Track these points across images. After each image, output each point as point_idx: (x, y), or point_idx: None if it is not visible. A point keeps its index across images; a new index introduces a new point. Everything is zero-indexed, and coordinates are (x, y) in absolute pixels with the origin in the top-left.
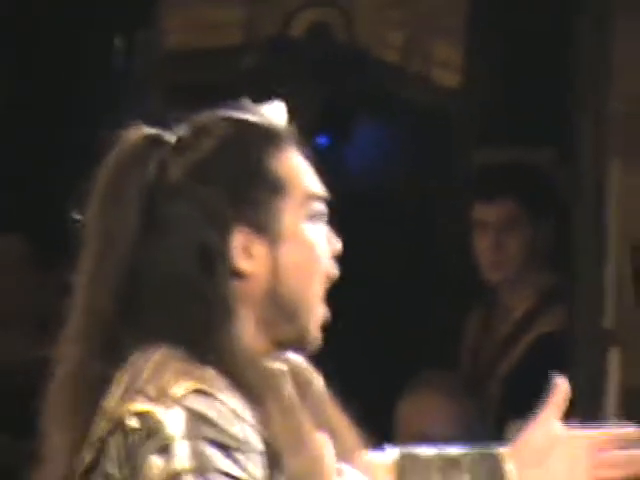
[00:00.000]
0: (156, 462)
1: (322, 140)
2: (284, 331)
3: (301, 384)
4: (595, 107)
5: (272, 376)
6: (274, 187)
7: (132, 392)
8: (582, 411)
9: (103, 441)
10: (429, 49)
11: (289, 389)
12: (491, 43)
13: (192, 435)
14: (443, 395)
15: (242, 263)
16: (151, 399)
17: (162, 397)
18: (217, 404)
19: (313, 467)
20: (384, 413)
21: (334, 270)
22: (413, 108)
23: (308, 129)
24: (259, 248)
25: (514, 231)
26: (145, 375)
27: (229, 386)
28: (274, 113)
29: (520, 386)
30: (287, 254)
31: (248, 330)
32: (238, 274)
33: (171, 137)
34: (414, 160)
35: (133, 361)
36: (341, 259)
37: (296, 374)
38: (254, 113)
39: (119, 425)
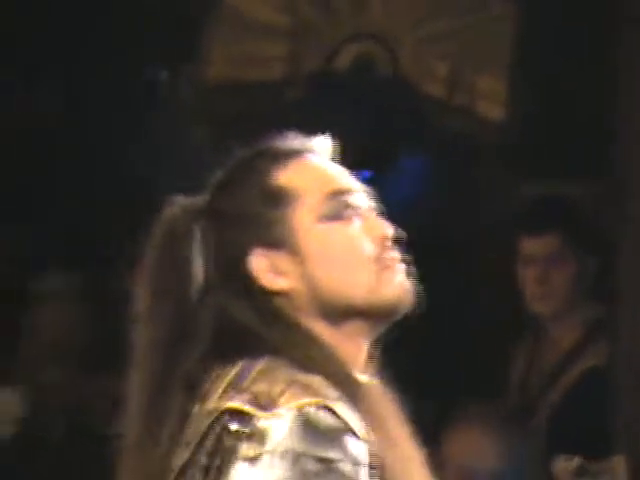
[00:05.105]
0: (245, 469)
1: (366, 174)
2: (357, 323)
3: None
4: None
5: (364, 386)
6: (280, 201)
7: (235, 391)
8: (627, 445)
9: (203, 437)
10: (474, 81)
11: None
12: (536, 74)
13: (292, 449)
14: (490, 427)
15: (275, 282)
16: (258, 404)
17: (271, 406)
18: (329, 417)
19: (409, 467)
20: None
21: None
22: (458, 141)
23: (352, 163)
24: (285, 263)
25: (560, 264)
26: (251, 378)
27: (340, 397)
28: (319, 146)
29: (568, 418)
30: (314, 260)
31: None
32: (278, 293)
33: (203, 199)
34: (459, 193)
35: (236, 368)
36: None
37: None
38: (294, 144)
39: (219, 420)
